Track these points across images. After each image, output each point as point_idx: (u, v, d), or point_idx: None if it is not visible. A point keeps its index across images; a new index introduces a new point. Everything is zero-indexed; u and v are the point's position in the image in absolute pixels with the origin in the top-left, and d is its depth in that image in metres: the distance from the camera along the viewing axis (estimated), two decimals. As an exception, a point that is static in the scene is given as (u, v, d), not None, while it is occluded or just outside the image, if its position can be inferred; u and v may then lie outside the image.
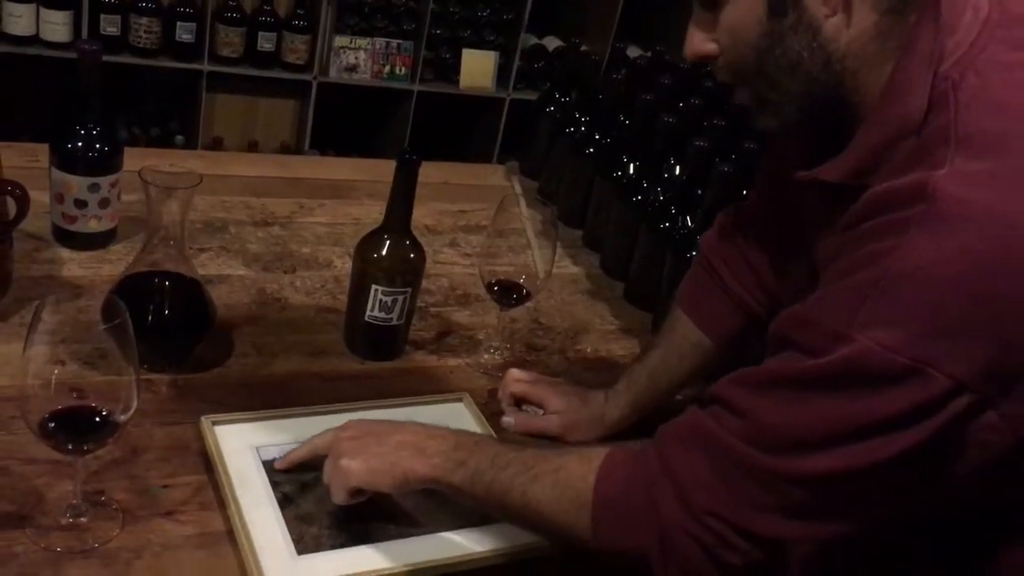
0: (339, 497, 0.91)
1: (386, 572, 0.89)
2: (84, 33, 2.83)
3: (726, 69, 0.87)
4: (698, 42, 0.87)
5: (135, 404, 0.82)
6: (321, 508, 0.94)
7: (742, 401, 0.78)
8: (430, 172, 1.21)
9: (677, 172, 1.41)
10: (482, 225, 1.56)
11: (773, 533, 0.77)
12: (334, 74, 3.19)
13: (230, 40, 3.00)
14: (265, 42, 3.04)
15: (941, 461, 0.72)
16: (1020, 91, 0.72)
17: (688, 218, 1.35)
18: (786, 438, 0.75)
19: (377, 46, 3.20)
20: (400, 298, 1.16)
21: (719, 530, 0.78)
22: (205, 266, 1.30)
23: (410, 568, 0.90)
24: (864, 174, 0.78)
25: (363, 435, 0.93)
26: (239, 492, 0.92)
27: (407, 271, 1.16)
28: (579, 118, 1.69)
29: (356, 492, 0.91)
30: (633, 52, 2.40)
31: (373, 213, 1.43)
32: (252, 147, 3.31)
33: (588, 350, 1.34)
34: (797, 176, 0.86)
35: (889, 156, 0.76)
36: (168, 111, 3.26)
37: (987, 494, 0.78)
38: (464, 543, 0.94)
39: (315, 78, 3.15)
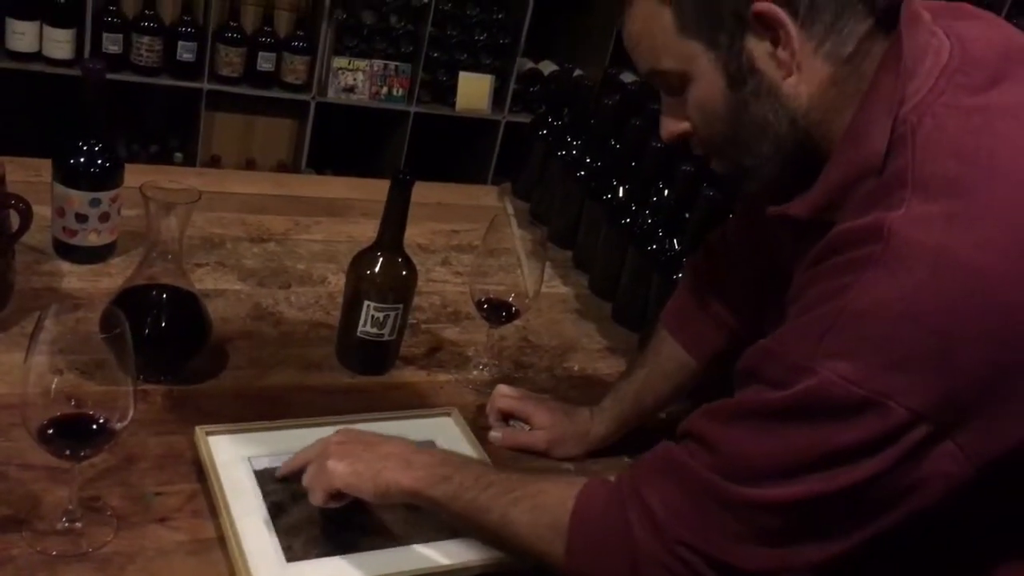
0: (317, 497, 0.93)
1: (373, 580, 0.91)
2: (87, 51, 2.86)
3: (702, 144, 0.90)
4: (671, 125, 0.90)
5: (131, 413, 0.84)
6: (311, 517, 0.96)
7: (711, 434, 0.81)
8: (424, 192, 1.24)
9: (665, 196, 1.44)
10: (474, 244, 1.58)
11: (745, 564, 0.79)
12: (332, 94, 3.23)
13: (230, 60, 3.04)
14: (265, 62, 3.08)
15: (904, 489, 0.74)
16: (975, 136, 0.75)
17: (675, 241, 1.38)
18: (754, 467, 0.78)
19: (375, 68, 3.24)
20: (392, 314, 1.18)
21: (691, 561, 0.80)
22: (202, 280, 1.33)
23: (397, 577, 0.92)
24: (829, 210, 0.81)
25: (352, 442, 0.96)
26: (231, 501, 0.94)
27: (399, 288, 1.19)
28: (571, 141, 1.72)
29: (336, 495, 0.93)
30: (628, 77, 2.44)
31: (368, 231, 1.45)
32: (250, 165, 3.34)
33: (575, 368, 1.37)
34: (768, 211, 0.89)
35: (852, 195, 0.79)
36: (168, 128, 3.29)
37: (964, 520, 0.80)
38: (450, 554, 0.95)
39: (313, 98, 3.18)
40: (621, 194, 1.54)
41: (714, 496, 0.79)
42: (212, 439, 1.02)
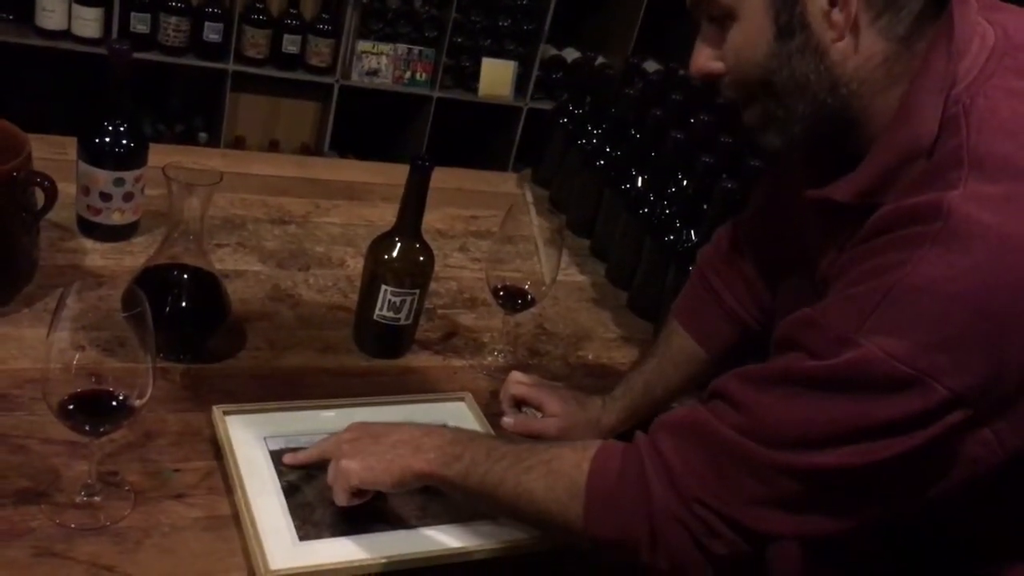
0: (341, 499, 0.94)
1: (384, 561, 0.92)
2: (115, 30, 2.89)
3: (732, 87, 0.87)
4: (703, 59, 0.87)
5: (150, 391, 0.86)
6: (324, 498, 0.97)
7: (743, 395, 0.80)
8: (444, 177, 1.25)
9: (683, 186, 1.44)
10: (492, 231, 1.59)
11: (761, 526, 0.79)
12: (356, 78, 3.24)
13: (256, 41, 3.05)
14: (290, 44, 3.10)
15: (932, 469, 0.74)
16: None
17: (692, 232, 1.39)
18: (784, 433, 0.77)
19: (399, 52, 3.25)
20: (408, 299, 1.19)
21: (707, 518, 0.80)
22: (222, 261, 1.34)
23: (407, 559, 0.93)
24: (874, 194, 0.80)
25: (361, 436, 0.96)
26: (246, 479, 0.96)
27: (416, 273, 1.20)
28: (591, 130, 1.72)
29: (358, 492, 0.94)
30: (651, 66, 2.44)
31: (387, 215, 1.46)
32: (273, 146, 3.36)
33: (590, 357, 1.37)
34: (807, 195, 0.87)
35: (899, 177, 0.78)
36: (193, 108, 3.31)
37: (980, 508, 0.80)
38: (461, 536, 0.97)
39: (337, 81, 3.19)
40: (640, 184, 1.54)
41: (737, 456, 0.78)
42: (229, 418, 1.03)
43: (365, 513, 0.97)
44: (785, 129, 0.86)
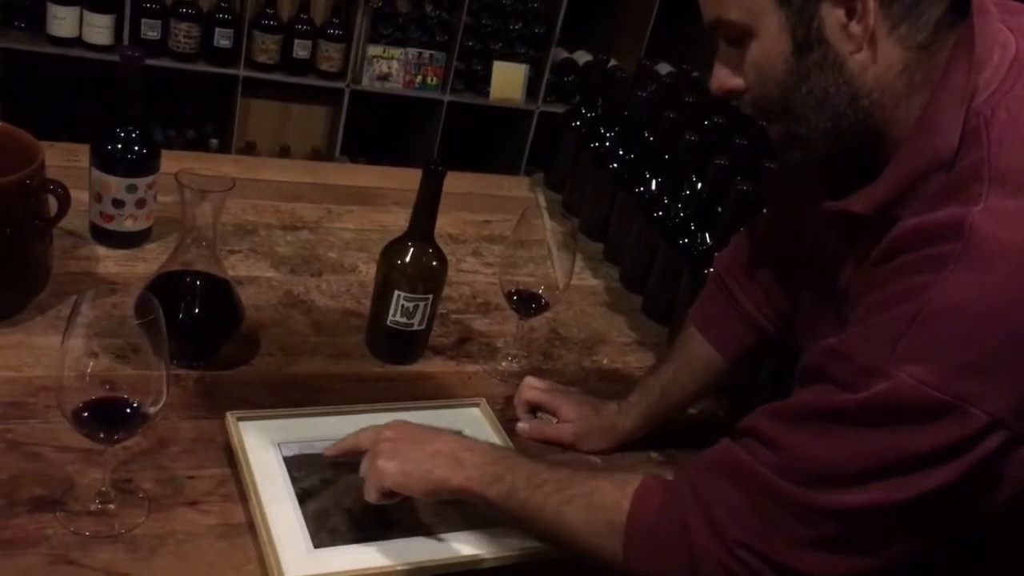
0: (371, 495, 0.93)
1: (399, 568, 0.92)
2: (125, 36, 2.90)
3: (752, 105, 0.87)
4: (723, 77, 0.87)
5: (165, 398, 0.86)
6: (338, 504, 0.97)
7: (776, 434, 0.78)
8: (456, 182, 1.24)
9: (698, 189, 1.43)
10: (505, 235, 1.59)
11: (807, 568, 0.77)
12: (367, 82, 3.24)
13: (266, 47, 3.06)
14: (300, 49, 3.10)
15: (975, 495, 0.73)
16: None
17: (707, 235, 1.38)
18: (820, 472, 0.75)
19: (410, 56, 3.25)
20: (422, 304, 1.19)
21: (751, 562, 0.78)
22: (235, 267, 1.34)
23: (422, 566, 0.93)
24: (893, 207, 0.78)
25: (402, 438, 0.94)
26: (260, 486, 0.96)
27: (429, 278, 1.19)
28: (604, 133, 1.72)
29: (388, 494, 0.93)
30: (663, 69, 2.43)
31: (399, 220, 1.46)
32: (284, 152, 3.36)
33: (604, 361, 1.37)
34: (824, 207, 0.86)
35: (919, 190, 0.77)
36: (204, 114, 3.33)
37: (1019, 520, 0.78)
38: (478, 544, 0.96)
39: (348, 86, 3.20)
40: (653, 187, 1.53)
41: (777, 499, 0.77)
42: (243, 425, 1.03)
43: (380, 520, 0.96)
44: (808, 145, 0.85)
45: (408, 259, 1.18)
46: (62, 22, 2.82)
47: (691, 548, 0.80)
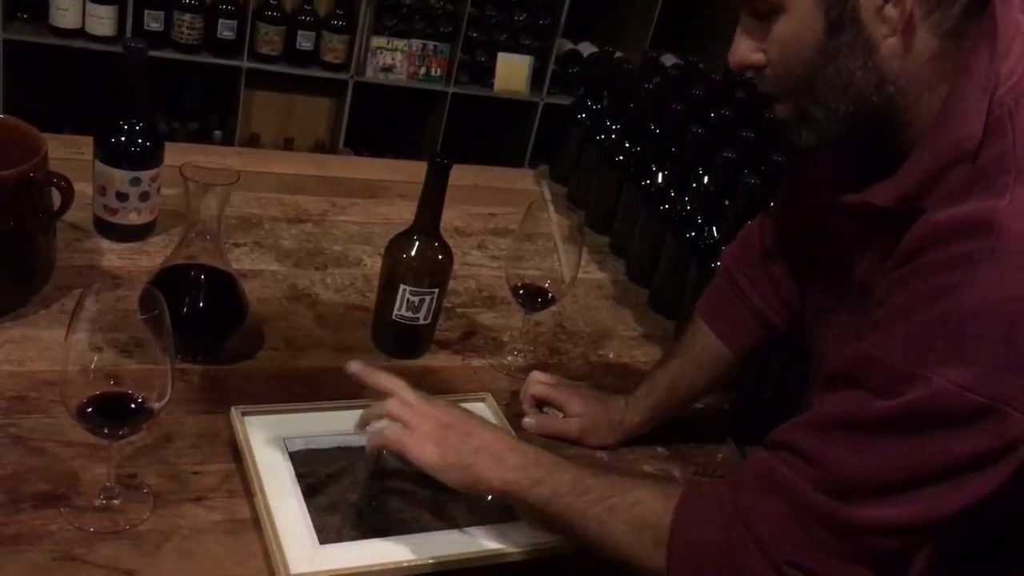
0: (375, 443, 0.94)
1: (405, 564, 0.91)
2: (129, 28, 2.89)
3: (773, 81, 0.84)
4: (744, 51, 0.84)
5: (169, 392, 0.85)
6: (344, 500, 0.96)
7: (813, 446, 0.77)
8: (461, 175, 1.24)
9: (705, 182, 1.42)
10: (511, 228, 1.58)
11: None
12: (370, 74, 3.23)
13: (270, 38, 3.05)
14: (304, 41, 3.09)
15: (1015, 497, 0.71)
16: None
17: (714, 228, 1.37)
18: (862, 485, 0.74)
19: (413, 48, 3.24)
20: (427, 298, 1.18)
21: None
22: (239, 261, 1.34)
23: (429, 562, 0.92)
24: (916, 199, 0.77)
25: (452, 427, 0.93)
26: (266, 481, 0.95)
27: (435, 272, 1.19)
28: (610, 125, 1.71)
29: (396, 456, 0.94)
30: (668, 60, 2.42)
31: (404, 213, 1.45)
32: (288, 144, 3.35)
33: (611, 355, 1.36)
34: (843, 200, 0.85)
35: (942, 182, 0.75)
36: (207, 106, 3.31)
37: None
38: (483, 539, 0.96)
39: (352, 77, 3.18)
40: (660, 180, 1.52)
41: (819, 515, 0.76)
42: (248, 419, 1.03)
43: (386, 516, 0.96)
44: (822, 128, 0.83)
45: (414, 253, 1.17)
46: (65, 13, 2.80)
47: (737, 566, 0.79)
